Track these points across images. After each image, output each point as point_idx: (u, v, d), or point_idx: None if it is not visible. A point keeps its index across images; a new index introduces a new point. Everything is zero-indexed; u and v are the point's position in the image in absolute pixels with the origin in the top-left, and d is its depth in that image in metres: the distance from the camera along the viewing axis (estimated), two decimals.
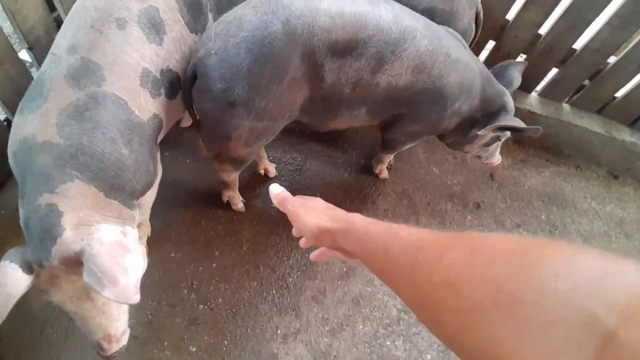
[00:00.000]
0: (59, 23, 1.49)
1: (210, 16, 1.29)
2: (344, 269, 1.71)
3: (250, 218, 1.79)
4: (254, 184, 1.89)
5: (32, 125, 0.97)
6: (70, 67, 1.00)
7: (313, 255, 0.77)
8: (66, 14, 1.44)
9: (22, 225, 0.97)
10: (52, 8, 1.48)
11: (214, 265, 1.65)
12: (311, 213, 0.66)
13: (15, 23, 1.31)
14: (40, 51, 1.44)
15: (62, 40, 1.06)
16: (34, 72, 1.49)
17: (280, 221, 1.79)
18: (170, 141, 1.95)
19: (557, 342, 0.29)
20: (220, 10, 1.28)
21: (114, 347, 1.09)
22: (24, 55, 1.51)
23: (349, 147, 2.09)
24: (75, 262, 0.92)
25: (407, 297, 0.47)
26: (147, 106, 1.13)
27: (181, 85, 1.23)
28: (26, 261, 0.92)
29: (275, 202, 0.75)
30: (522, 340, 0.31)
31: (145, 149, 1.12)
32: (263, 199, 1.85)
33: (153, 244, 1.67)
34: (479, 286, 0.36)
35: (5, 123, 1.42)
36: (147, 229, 1.62)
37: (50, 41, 1.46)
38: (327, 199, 0.76)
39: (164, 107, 1.20)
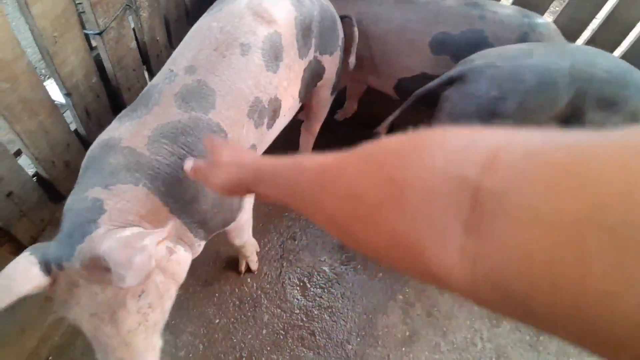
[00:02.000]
0: (98, 64, 1.34)
1: (313, 42, 1.26)
2: (407, 333, 1.53)
3: (300, 274, 1.61)
4: (301, 235, 1.72)
5: (124, 129, 0.94)
6: (184, 87, 0.99)
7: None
8: (107, 53, 1.32)
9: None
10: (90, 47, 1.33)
11: (264, 332, 1.46)
12: (217, 171, 0.65)
13: (54, 67, 1.15)
14: (78, 97, 1.27)
15: (182, 58, 1.04)
16: (68, 117, 1.32)
17: (334, 277, 1.62)
18: None
19: (438, 213, 0.31)
20: (322, 35, 1.29)
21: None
22: (57, 95, 1.33)
23: None
24: (99, 268, 0.76)
25: (324, 223, 0.46)
26: (248, 137, 1.09)
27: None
28: (46, 258, 0.78)
29: (190, 176, 0.71)
30: (414, 223, 0.33)
31: None
32: (311, 251, 1.68)
33: (194, 309, 1.47)
34: (374, 187, 0.38)
35: (35, 179, 1.24)
36: (252, 247, 1.53)
37: (90, 86, 1.33)
38: None
39: (261, 137, 1.17)
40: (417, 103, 1.37)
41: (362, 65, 1.58)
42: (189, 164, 0.71)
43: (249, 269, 1.58)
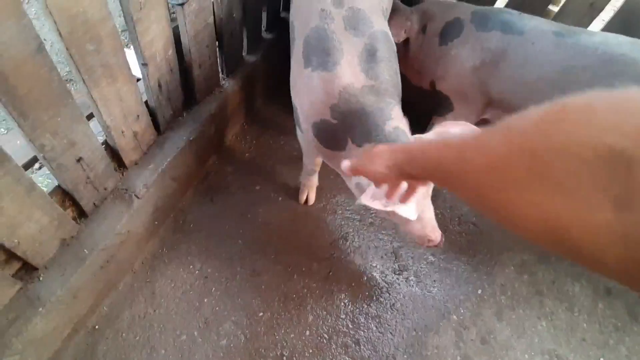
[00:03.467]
0: (176, 37, 1.30)
1: None
2: (458, 358, 1.42)
3: (349, 277, 1.53)
4: (353, 236, 1.64)
5: (345, 76, 1.09)
6: (345, 19, 1.14)
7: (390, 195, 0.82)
8: (186, 26, 1.27)
9: None
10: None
11: (307, 333, 1.40)
12: (374, 159, 0.71)
13: (135, 34, 1.12)
14: (154, 68, 1.24)
15: None
16: (142, 89, 1.30)
17: (384, 285, 1.53)
18: (261, 173, 1.74)
19: (584, 186, 0.31)
20: None
21: (439, 235, 1.16)
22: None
23: (456, 199, 1.82)
24: None
25: (467, 196, 0.49)
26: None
27: None
28: None
29: (348, 174, 0.79)
30: (557, 196, 0.33)
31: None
32: (362, 254, 1.60)
33: (239, 298, 1.43)
34: (514, 158, 0.38)
35: (103, 146, 1.23)
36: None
37: (166, 58, 1.29)
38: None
39: None
40: None
41: (499, 103, 1.44)
42: (345, 164, 0.80)
43: None
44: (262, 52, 1.82)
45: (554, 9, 1.69)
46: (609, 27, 1.58)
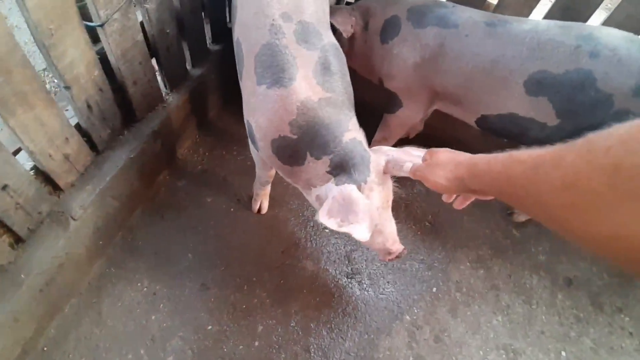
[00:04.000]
0: (102, 57, 1.31)
1: None
2: (411, 359, 1.41)
3: (300, 285, 1.52)
4: (305, 242, 1.63)
5: (302, 91, 1.08)
6: (296, 33, 1.13)
7: (457, 204, 0.87)
8: (110, 45, 1.28)
9: (332, 166, 1.08)
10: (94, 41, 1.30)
11: (257, 344, 1.39)
12: (436, 170, 0.73)
13: (50, 59, 1.12)
14: (79, 90, 1.25)
15: (270, 9, 1.14)
16: (70, 113, 1.30)
17: (336, 290, 1.52)
18: (213, 185, 1.74)
19: None
20: None
21: (400, 247, 1.18)
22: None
23: (413, 199, 1.81)
24: (382, 174, 1.07)
25: (537, 214, 0.50)
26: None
27: None
28: (356, 183, 1.04)
29: (412, 177, 0.86)
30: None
31: None
32: (315, 260, 1.59)
33: (187, 312, 1.43)
34: (595, 175, 0.38)
35: (32, 172, 1.23)
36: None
37: (92, 79, 1.29)
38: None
39: None
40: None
41: (444, 95, 1.47)
42: (408, 166, 0.87)
43: None
44: (210, 64, 1.82)
45: (493, 1, 1.68)
46: (550, 16, 1.58)
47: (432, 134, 1.96)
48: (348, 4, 1.45)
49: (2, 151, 1.09)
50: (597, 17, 1.57)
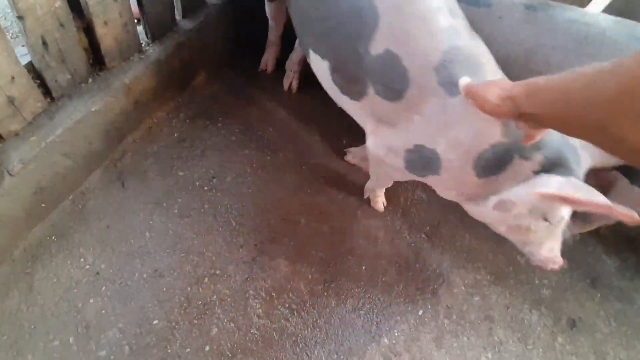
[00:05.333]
0: None
1: None
2: None
3: (269, 285, 1.32)
4: (283, 238, 1.43)
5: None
6: (467, 28, 0.99)
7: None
8: None
9: (544, 164, 0.91)
10: None
11: (207, 348, 1.19)
12: (491, 86, 0.71)
13: None
14: (33, 22, 1.01)
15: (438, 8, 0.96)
16: (17, 46, 1.07)
17: (309, 298, 1.32)
18: (188, 158, 1.52)
19: None
20: None
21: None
22: None
23: (409, 210, 1.60)
24: None
25: (587, 126, 0.50)
26: None
27: None
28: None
29: (464, 93, 0.80)
30: None
31: None
32: (291, 260, 1.38)
33: (133, 301, 1.22)
34: None
35: None
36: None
37: (52, 11, 1.06)
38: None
39: None
40: None
41: None
42: (463, 81, 0.79)
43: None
44: (204, 19, 1.58)
45: None
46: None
47: None
48: None
49: None
50: None
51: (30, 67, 1.13)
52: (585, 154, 0.94)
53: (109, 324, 1.18)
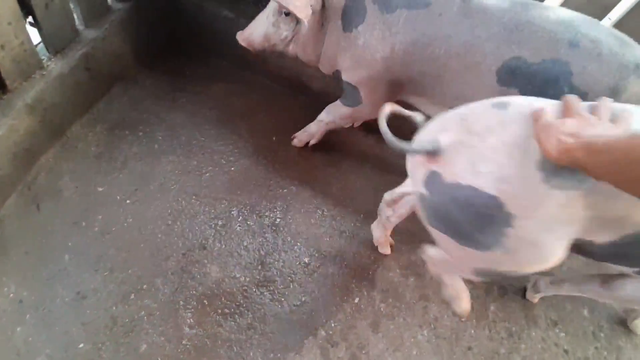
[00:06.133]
0: None
1: None
2: None
3: (201, 294, 1.31)
4: (213, 243, 1.41)
5: None
6: None
7: None
8: None
9: None
10: None
11: None
12: (550, 137, 0.68)
13: None
14: None
15: None
16: None
17: (243, 301, 1.32)
18: (107, 171, 1.47)
19: None
20: None
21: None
22: None
23: (343, 198, 1.61)
24: None
25: None
26: None
27: None
28: None
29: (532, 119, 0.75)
30: None
31: None
32: (222, 265, 1.37)
33: (57, 323, 1.19)
34: None
35: None
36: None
37: None
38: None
39: None
40: None
41: (411, 86, 1.25)
42: (539, 110, 0.73)
43: None
44: (109, 26, 1.52)
45: None
46: None
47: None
48: None
49: None
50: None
51: None
52: None
53: (37, 351, 1.15)
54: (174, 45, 1.80)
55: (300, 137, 1.67)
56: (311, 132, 1.64)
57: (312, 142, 1.66)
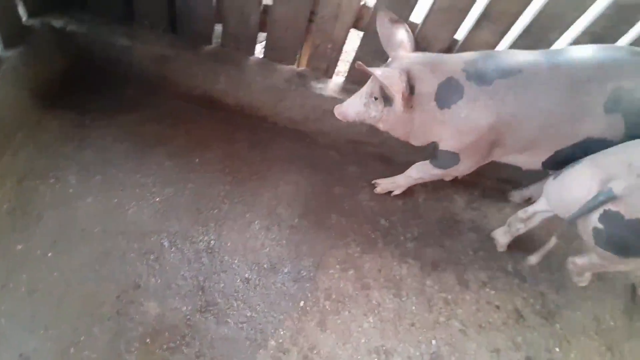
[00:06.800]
0: None
1: None
2: None
3: (141, 333, 1.29)
4: (148, 279, 1.39)
5: None
6: None
7: None
8: None
9: None
10: None
11: None
12: None
13: None
14: None
15: None
16: None
17: (188, 331, 1.32)
18: (26, 228, 1.40)
19: None
20: None
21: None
22: None
23: (275, 206, 1.65)
24: None
25: None
26: None
27: None
28: None
29: None
30: None
31: None
32: (160, 299, 1.36)
33: None
34: None
35: None
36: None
37: None
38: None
39: None
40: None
41: (512, 146, 1.38)
42: None
43: None
44: (2, 76, 1.42)
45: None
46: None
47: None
48: None
49: None
50: None
51: None
52: None
53: None
54: (75, 82, 1.72)
55: (384, 186, 1.75)
56: (398, 184, 1.72)
57: (395, 192, 1.76)
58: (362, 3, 1.52)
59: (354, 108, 1.45)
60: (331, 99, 1.70)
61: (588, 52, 1.26)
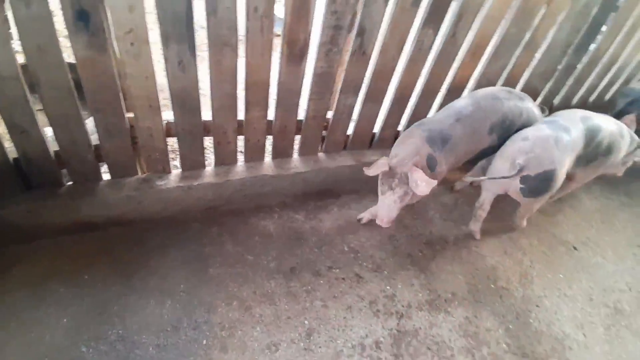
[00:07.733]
0: None
1: None
2: None
3: None
4: None
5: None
6: None
7: None
8: None
9: None
10: None
11: None
12: None
13: None
14: None
15: None
16: None
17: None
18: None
19: None
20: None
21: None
22: None
23: (165, 276, 2.10)
24: None
25: None
26: None
27: None
28: None
29: None
30: None
31: None
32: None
33: None
34: None
35: None
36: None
37: None
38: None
39: None
40: None
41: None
42: None
43: None
44: None
45: None
46: None
47: None
48: None
49: None
50: None
51: None
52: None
53: None
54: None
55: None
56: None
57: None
58: (164, 122, 2.12)
59: (394, 209, 2.11)
60: (177, 188, 2.25)
61: (467, 100, 2.30)
